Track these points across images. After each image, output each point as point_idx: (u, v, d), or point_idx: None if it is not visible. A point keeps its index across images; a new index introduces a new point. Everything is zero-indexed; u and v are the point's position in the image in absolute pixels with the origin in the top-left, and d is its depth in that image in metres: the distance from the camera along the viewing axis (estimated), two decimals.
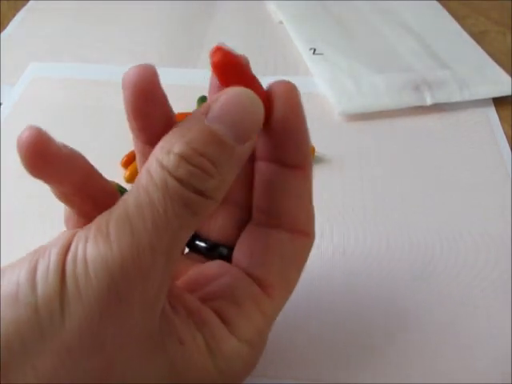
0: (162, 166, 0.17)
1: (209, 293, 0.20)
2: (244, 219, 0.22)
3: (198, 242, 0.23)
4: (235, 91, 0.18)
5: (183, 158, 0.17)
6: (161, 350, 0.17)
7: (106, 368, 0.16)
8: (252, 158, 0.21)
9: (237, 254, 0.22)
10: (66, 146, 0.18)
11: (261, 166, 0.21)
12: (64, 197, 0.19)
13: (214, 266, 0.22)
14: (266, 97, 0.19)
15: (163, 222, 0.16)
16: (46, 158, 0.17)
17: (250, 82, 0.19)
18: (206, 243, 0.23)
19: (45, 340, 0.15)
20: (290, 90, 0.19)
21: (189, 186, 0.17)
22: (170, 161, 0.17)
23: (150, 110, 0.19)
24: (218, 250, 0.22)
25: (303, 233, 0.20)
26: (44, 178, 0.18)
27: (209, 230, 0.23)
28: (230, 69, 0.18)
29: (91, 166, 0.19)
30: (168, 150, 0.17)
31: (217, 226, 0.23)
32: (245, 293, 0.19)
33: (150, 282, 0.16)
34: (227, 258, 0.22)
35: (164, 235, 0.16)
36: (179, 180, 0.16)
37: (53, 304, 0.15)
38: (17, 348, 0.15)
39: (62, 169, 0.18)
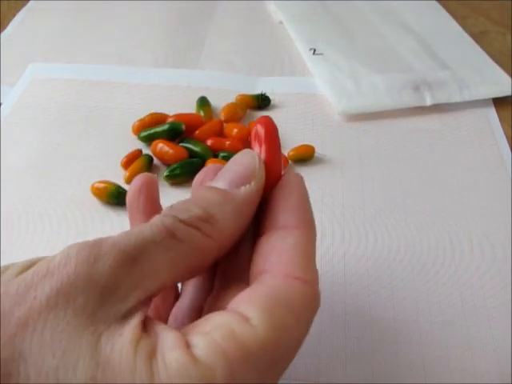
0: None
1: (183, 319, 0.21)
2: None
3: None
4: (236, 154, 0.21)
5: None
6: (90, 332, 0.16)
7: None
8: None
9: None
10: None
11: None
12: None
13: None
14: (278, 167, 0.21)
15: (143, 243, 0.17)
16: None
17: (276, 146, 0.21)
18: None
19: None
20: (295, 175, 0.21)
21: (170, 217, 0.18)
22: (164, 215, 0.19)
23: (145, 207, 0.23)
24: None
25: (299, 279, 0.19)
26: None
27: None
28: (271, 129, 0.21)
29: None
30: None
31: None
32: (218, 320, 0.17)
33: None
34: None
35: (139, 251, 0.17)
36: (165, 217, 0.18)
37: None
38: None
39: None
